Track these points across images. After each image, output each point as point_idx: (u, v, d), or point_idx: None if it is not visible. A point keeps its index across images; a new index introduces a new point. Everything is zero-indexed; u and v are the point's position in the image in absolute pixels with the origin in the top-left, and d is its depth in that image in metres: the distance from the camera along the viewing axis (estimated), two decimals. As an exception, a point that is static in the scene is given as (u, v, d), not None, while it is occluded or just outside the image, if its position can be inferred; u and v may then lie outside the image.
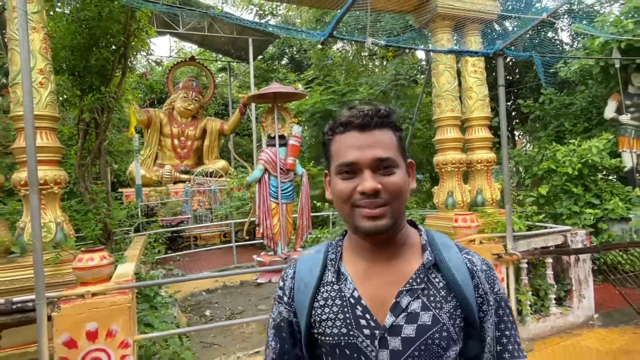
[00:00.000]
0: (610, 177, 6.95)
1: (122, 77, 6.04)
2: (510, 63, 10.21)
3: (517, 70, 10.89)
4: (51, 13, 5.22)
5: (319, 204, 7.88)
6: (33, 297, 2.94)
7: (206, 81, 17.64)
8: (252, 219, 5.46)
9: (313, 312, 0.98)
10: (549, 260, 4.81)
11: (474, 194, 5.76)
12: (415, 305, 0.91)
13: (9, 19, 3.80)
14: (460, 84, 5.83)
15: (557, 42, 9.51)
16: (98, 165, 6.47)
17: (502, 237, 4.64)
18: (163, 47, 35.97)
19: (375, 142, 0.90)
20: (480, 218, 4.99)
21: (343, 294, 0.96)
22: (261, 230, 5.00)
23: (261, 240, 9.78)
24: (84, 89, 5.66)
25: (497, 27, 6.50)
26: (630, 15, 6.11)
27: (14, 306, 2.98)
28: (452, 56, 5.62)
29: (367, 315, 0.92)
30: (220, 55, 19.42)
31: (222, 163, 15.49)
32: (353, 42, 12.33)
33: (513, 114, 11.46)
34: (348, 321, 0.92)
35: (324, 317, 0.95)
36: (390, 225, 0.90)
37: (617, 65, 6.35)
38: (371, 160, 0.89)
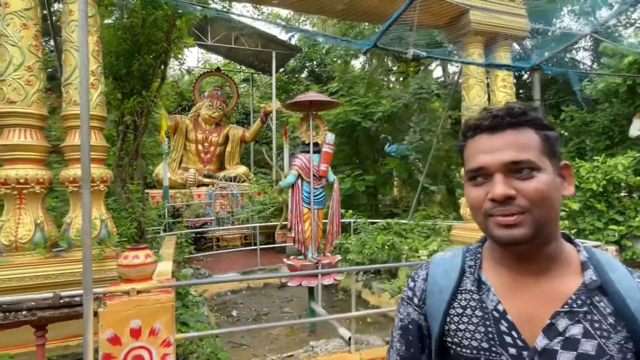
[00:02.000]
0: (634, 195, 6.68)
1: (161, 83, 6.04)
2: (529, 80, 10.03)
3: (531, 89, 10.72)
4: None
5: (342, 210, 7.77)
6: (80, 291, 2.85)
7: (230, 91, 17.75)
8: (284, 222, 5.34)
9: (448, 319, 0.89)
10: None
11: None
12: (576, 331, 0.79)
13: (64, 22, 3.78)
14: (489, 98, 5.70)
15: (578, 61, 9.34)
16: (134, 166, 6.45)
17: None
18: (191, 58, 36.51)
19: (508, 143, 0.80)
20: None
21: (484, 305, 0.86)
22: (293, 235, 4.87)
23: (282, 244, 9.85)
24: (125, 93, 5.66)
25: (518, 45, 6.35)
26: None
27: (62, 300, 2.88)
28: (483, 70, 5.50)
29: (514, 333, 0.81)
30: (244, 67, 19.54)
31: (243, 168, 15.52)
32: (375, 58, 12.30)
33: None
34: (490, 336, 0.83)
35: (462, 327, 0.87)
36: (531, 235, 0.78)
37: None
38: (501, 163, 0.79)
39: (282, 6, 4.99)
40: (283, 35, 16.80)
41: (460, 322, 0.88)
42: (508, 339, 0.82)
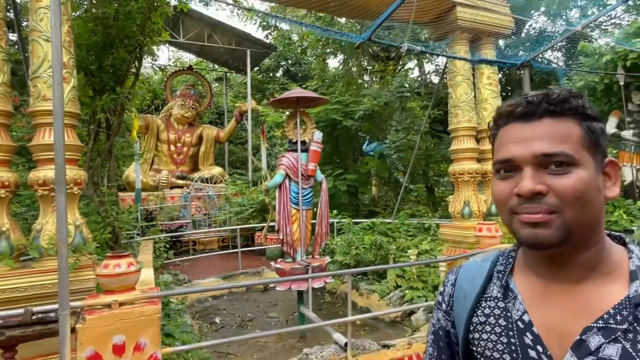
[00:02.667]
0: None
1: (136, 79, 5.70)
2: (504, 79, 10.23)
3: (509, 88, 10.95)
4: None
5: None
6: (55, 306, 2.59)
7: (203, 90, 17.30)
8: (270, 223, 5.13)
9: (472, 327, 0.84)
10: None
11: (488, 204, 5.60)
12: (611, 351, 0.68)
13: (31, 9, 3.44)
14: (474, 96, 5.70)
15: (550, 61, 9.59)
16: (106, 168, 6.07)
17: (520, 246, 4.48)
18: (163, 56, 35.49)
19: (543, 133, 0.72)
20: (500, 228, 4.81)
21: (509, 314, 0.79)
22: (280, 236, 4.68)
23: (261, 247, 9.62)
24: (97, 89, 5.29)
25: (503, 41, 6.42)
26: (635, 34, 6.14)
27: (34, 317, 2.59)
28: (469, 68, 5.49)
29: (539, 348, 0.74)
30: (217, 66, 19.10)
31: (218, 169, 15.15)
32: (353, 57, 12.24)
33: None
34: (513, 348, 0.76)
35: (484, 336, 0.81)
36: (560, 237, 0.70)
37: (622, 83, 6.37)
38: (532, 155, 0.71)
39: (266, -1, 4.79)
40: (259, 34, 16.54)
41: (484, 331, 0.82)
42: (532, 353, 0.75)
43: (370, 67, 14.08)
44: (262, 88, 18.51)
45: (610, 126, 6.92)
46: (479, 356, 0.84)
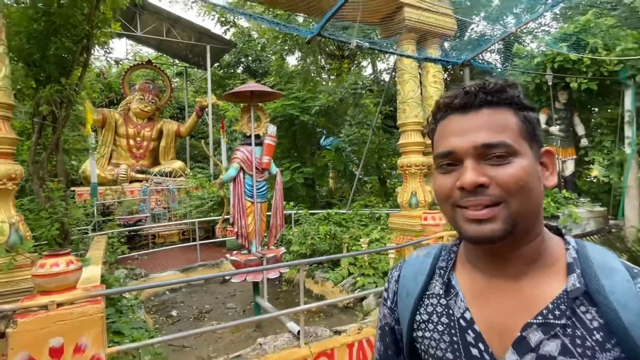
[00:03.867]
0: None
1: (84, 70, 5.25)
2: (449, 79, 10.49)
3: (453, 87, 11.18)
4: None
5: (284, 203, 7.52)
6: (-17, 310, 2.29)
7: (162, 85, 16.50)
8: (225, 216, 4.92)
9: (415, 325, 0.81)
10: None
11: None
12: (551, 347, 0.65)
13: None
14: (421, 93, 5.76)
15: (489, 62, 9.94)
16: (53, 162, 5.57)
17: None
18: (120, 49, 33.40)
19: (481, 124, 0.68)
20: (443, 216, 4.90)
21: (451, 311, 0.76)
22: (235, 229, 4.50)
23: (222, 238, 9.33)
24: (40, 80, 4.82)
25: (448, 42, 6.53)
26: (561, 40, 6.44)
27: (-43, 323, 2.27)
28: (416, 66, 5.53)
29: (481, 345, 0.71)
30: (177, 61, 18.28)
31: (179, 163, 14.58)
32: (310, 55, 12.08)
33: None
34: (456, 346, 0.73)
35: (427, 334, 0.78)
36: (505, 231, 0.66)
37: (550, 83, 6.67)
38: (472, 146, 0.67)
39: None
40: (218, 29, 15.95)
41: (427, 329, 0.79)
42: (474, 352, 0.71)
43: (327, 65, 14.02)
44: (223, 83, 17.90)
45: (541, 122, 7.26)
46: (423, 354, 0.81)
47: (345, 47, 9.53)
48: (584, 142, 7.14)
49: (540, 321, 0.68)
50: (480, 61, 4.24)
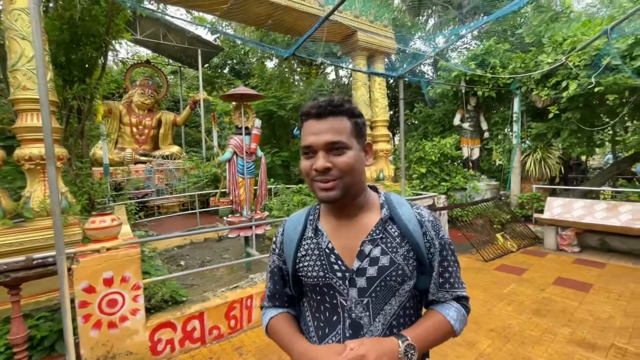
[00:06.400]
0: (455, 162, 7.96)
1: (102, 72, 5.30)
2: (394, 85, 11.05)
3: (396, 90, 11.81)
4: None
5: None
6: (52, 253, 2.59)
7: (160, 81, 15.94)
8: (222, 189, 5.26)
9: (297, 260, 0.91)
10: (425, 214, 5.48)
11: (377, 172, 6.25)
12: (376, 251, 0.84)
13: (5, 10, 3.10)
14: (369, 96, 6.21)
15: (425, 73, 10.51)
16: (79, 146, 5.62)
17: (398, 200, 5.16)
18: (122, 50, 31.16)
19: (328, 128, 0.81)
20: (383, 188, 5.47)
21: (320, 245, 0.89)
22: (231, 198, 4.86)
23: (215, 208, 9.57)
24: (67, 80, 4.86)
25: (386, 60, 6.97)
26: (472, 59, 7.04)
27: (35, 262, 2.58)
28: (366, 75, 5.93)
29: (339, 262, 0.86)
30: (172, 61, 17.61)
31: (176, 148, 14.34)
32: (285, 62, 12.14)
33: (394, 119, 12.45)
34: (324, 266, 0.86)
35: (306, 264, 0.89)
36: (340, 195, 0.82)
37: (463, 91, 7.28)
38: (323, 143, 0.80)
39: (216, 13, 4.70)
40: (209, 36, 15.48)
41: (305, 260, 0.89)
42: (336, 267, 0.85)
43: (299, 69, 14.14)
44: (212, 82, 17.49)
45: (456, 119, 7.90)
46: (303, 278, 0.90)
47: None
48: (486, 134, 7.87)
49: (369, 238, 0.85)
50: (410, 75, 4.73)
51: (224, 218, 5.10)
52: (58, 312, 2.89)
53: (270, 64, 15.17)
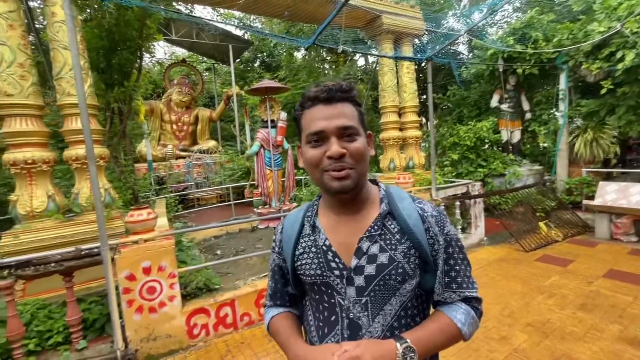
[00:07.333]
0: (493, 147, 7.48)
1: (139, 74, 5.60)
2: (425, 68, 10.51)
3: (421, 76, 11.20)
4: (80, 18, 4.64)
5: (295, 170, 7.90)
6: (98, 244, 2.83)
7: (195, 79, 16.61)
8: (251, 182, 5.40)
9: (295, 258, 0.89)
10: (458, 202, 5.24)
11: (407, 160, 6.05)
12: (374, 249, 0.80)
13: (49, 23, 3.37)
14: (397, 82, 5.98)
15: (459, 52, 9.88)
16: (122, 145, 6.05)
17: (428, 189, 4.97)
18: (159, 51, 32.93)
19: (340, 113, 0.78)
20: (413, 176, 5.29)
21: (317, 242, 0.86)
22: (259, 190, 4.98)
23: (249, 199, 9.90)
24: (108, 84, 5.20)
25: (417, 41, 6.63)
26: (511, 34, 6.49)
27: (83, 252, 2.84)
28: (393, 60, 5.71)
29: (337, 259, 0.83)
30: (206, 58, 18.23)
31: (213, 142, 14.96)
32: (313, 50, 12.05)
33: (426, 103, 11.84)
34: (322, 264, 0.84)
35: (304, 261, 0.87)
36: (355, 184, 0.79)
37: (501, 69, 6.76)
38: (336, 128, 0.77)
39: (235, 8, 4.74)
40: (238, 32, 15.77)
41: (303, 258, 0.87)
42: (333, 265, 0.83)
43: (328, 58, 13.95)
44: (244, 76, 17.88)
45: (494, 101, 7.38)
46: (302, 276, 0.88)
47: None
48: (528, 115, 7.29)
49: (367, 235, 0.81)
50: (440, 56, 4.47)
51: (255, 209, 5.25)
52: (106, 297, 3.18)
53: (298, 55, 15.17)
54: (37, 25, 5.60)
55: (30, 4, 5.36)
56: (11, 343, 2.53)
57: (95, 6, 4.80)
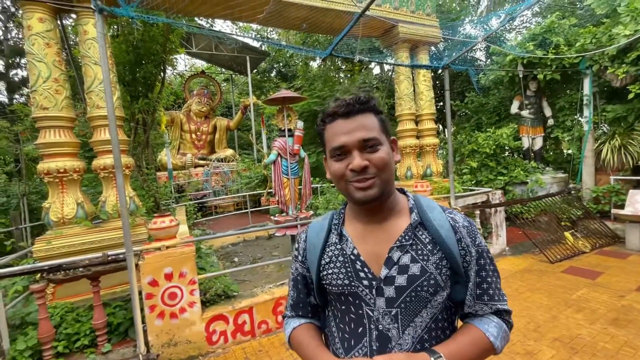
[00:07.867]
0: (514, 155, 7.30)
1: (162, 86, 5.83)
2: (442, 75, 10.44)
3: (437, 82, 11.11)
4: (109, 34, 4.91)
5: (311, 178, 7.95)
6: (123, 250, 2.93)
7: (214, 89, 17.12)
8: (269, 190, 5.48)
9: (321, 267, 0.88)
10: (477, 211, 5.12)
11: (424, 168, 5.98)
12: (405, 259, 0.79)
13: (81, 41, 3.58)
14: (414, 89, 5.96)
15: (477, 59, 9.78)
16: (145, 154, 6.27)
17: (447, 197, 4.89)
18: (180, 63, 34.24)
19: (359, 126, 0.79)
20: (431, 184, 5.22)
21: (345, 252, 0.85)
22: (277, 198, 5.04)
23: (266, 207, 10.02)
24: (133, 96, 5.44)
25: (433, 49, 6.61)
26: (530, 40, 6.37)
27: (109, 258, 2.95)
28: (409, 68, 5.71)
29: (365, 269, 0.82)
30: (224, 69, 18.79)
31: (230, 151, 15.28)
32: (329, 59, 12.20)
33: (444, 110, 11.72)
34: (350, 274, 0.83)
35: (330, 271, 0.85)
36: (380, 193, 0.79)
37: (521, 75, 6.63)
38: (357, 141, 0.78)
39: (255, 22, 4.90)
40: (255, 44, 16.24)
41: (329, 268, 0.86)
42: (362, 274, 0.82)
43: (344, 67, 14.10)
44: (261, 86, 18.31)
45: (514, 107, 7.23)
46: (328, 286, 0.86)
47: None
48: (551, 122, 7.09)
49: (398, 244, 0.80)
50: (457, 63, 4.43)
51: (272, 217, 5.31)
52: (130, 302, 3.28)
53: (314, 64, 15.41)
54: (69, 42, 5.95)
55: (64, 22, 5.73)
56: (42, 344, 2.65)
57: (124, 23, 5.06)
